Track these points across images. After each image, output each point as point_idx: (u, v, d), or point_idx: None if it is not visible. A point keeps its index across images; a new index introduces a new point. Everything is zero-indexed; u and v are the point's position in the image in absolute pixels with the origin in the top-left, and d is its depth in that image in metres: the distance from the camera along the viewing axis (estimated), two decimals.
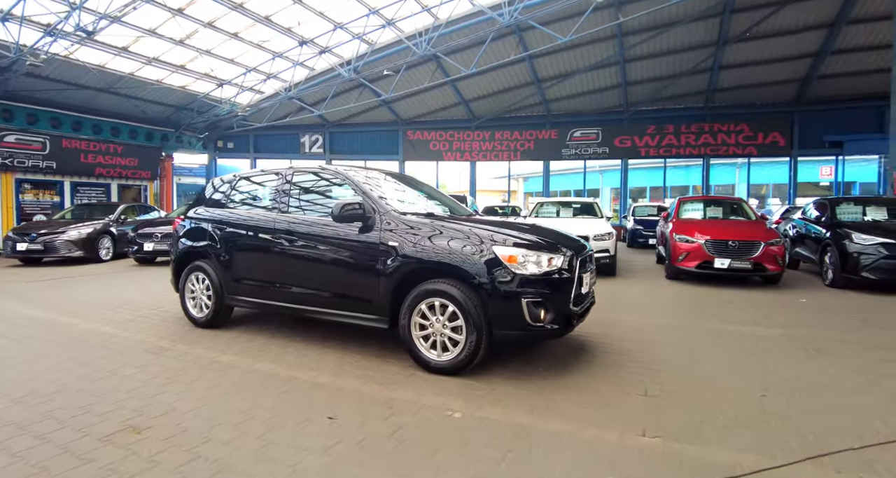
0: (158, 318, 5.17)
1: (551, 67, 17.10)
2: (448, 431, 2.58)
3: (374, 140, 21.23)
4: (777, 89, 17.49)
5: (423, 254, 3.44)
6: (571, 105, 19.56)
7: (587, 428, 2.65)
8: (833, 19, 14.04)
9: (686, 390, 3.23)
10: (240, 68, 15.99)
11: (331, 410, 2.82)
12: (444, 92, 18.65)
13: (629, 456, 2.36)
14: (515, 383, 3.28)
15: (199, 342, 4.21)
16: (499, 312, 3.24)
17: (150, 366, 3.58)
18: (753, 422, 2.75)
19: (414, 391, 3.11)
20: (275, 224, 4.18)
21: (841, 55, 15.34)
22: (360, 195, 3.84)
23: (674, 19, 14.16)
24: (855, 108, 17.15)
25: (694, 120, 18.94)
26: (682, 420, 2.76)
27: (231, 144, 21.31)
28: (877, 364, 3.82)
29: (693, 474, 2.21)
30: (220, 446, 2.38)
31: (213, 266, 4.55)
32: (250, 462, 2.24)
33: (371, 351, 3.96)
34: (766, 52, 15.65)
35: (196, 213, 4.88)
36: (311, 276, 3.97)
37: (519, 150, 20.15)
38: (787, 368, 3.70)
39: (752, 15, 13.95)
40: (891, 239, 7.06)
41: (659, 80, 17.55)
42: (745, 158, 19.17)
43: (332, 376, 3.37)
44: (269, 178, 4.60)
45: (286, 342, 4.20)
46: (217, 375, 3.39)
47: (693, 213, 9.80)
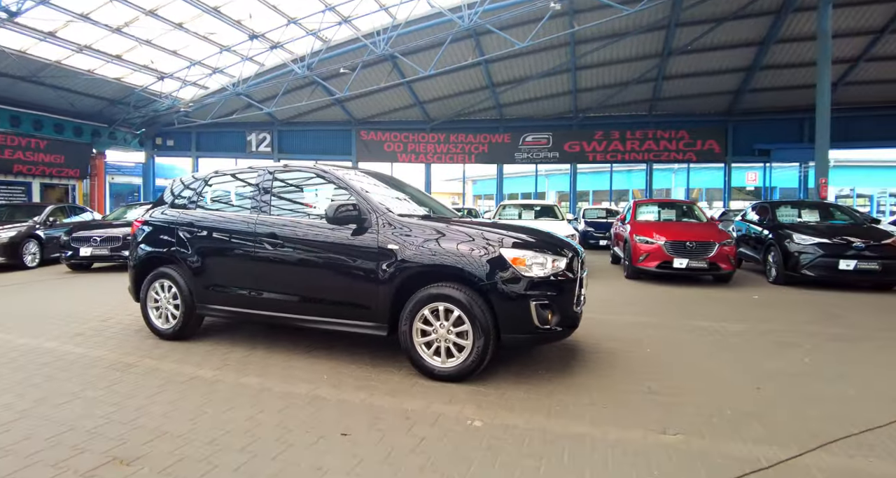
0: (113, 330, 4.69)
1: (506, 72, 17.38)
2: (474, 441, 2.48)
3: (326, 140, 20.68)
4: (714, 100, 18.72)
5: (426, 257, 3.31)
6: (524, 110, 19.98)
7: (609, 429, 2.63)
8: (763, 38, 15.21)
9: (686, 386, 3.30)
10: (183, 61, 15.07)
11: (342, 425, 2.63)
12: (400, 93, 18.48)
13: (660, 455, 2.36)
14: (523, 387, 3.22)
15: (170, 356, 3.84)
16: (507, 316, 3.17)
17: (118, 385, 3.21)
18: (758, 414, 2.85)
19: (424, 400, 2.98)
20: (256, 227, 3.89)
21: (769, 70, 16.64)
22: (354, 196, 3.65)
23: (624, 30, 14.80)
24: (781, 119, 18.67)
25: (638, 127, 19.90)
26: (694, 416, 2.81)
27: (171, 141, 20.04)
28: (840, 354, 4.11)
29: (725, 470, 2.24)
30: (231, 474, 2.14)
31: (181, 273, 4.18)
32: None
33: (364, 359, 3.78)
34: (704, 65, 16.71)
35: (159, 214, 4.47)
36: (301, 282, 3.73)
37: (473, 153, 20.31)
38: (767, 361, 3.89)
39: (693, 30, 14.85)
40: (826, 239, 7.69)
41: (607, 88, 18.29)
42: (686, 163, 20.35)
43: (331, 388, 3.17)
44: (247, 177, 4.27)
45: (267, 353, 3.92)
46: (202, 392, 3.09)
47: (648, 215, 10.23)
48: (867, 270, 7.40)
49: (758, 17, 14.28)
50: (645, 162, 20.45)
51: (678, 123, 19.64)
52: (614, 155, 20.12)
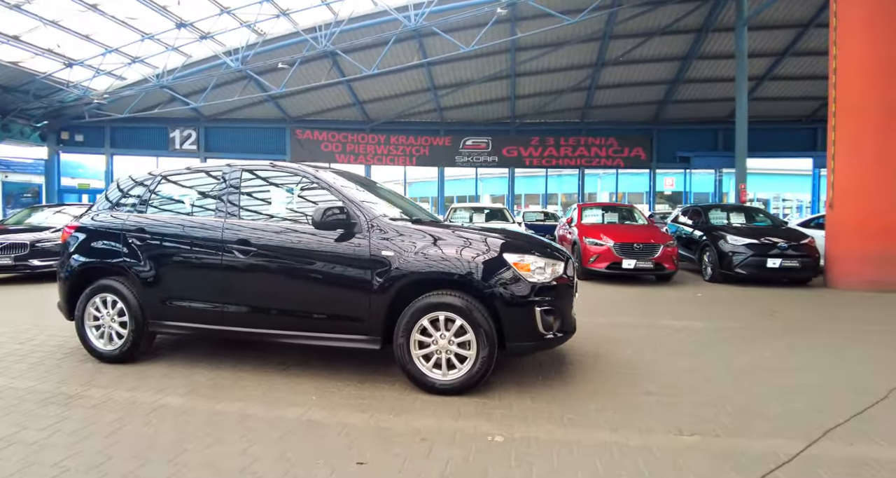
0: (37, 355, 4.00)
1: (448, 76, 17.40)
2: (502, 458, 2.32)
3: (258, 138, 19.57)
4: (640, 110, 19.94)
5: (424, 264, 3.10)
6: (464, 114, 20.13)
7: (628, 435, 2.60)
8: (686, 53, 16.42)
9: (678, 385, 3.36)
10: (97, 47, 13.55)
11: (352, 452, 2.37)
12: (339, 91, 17.91)
13: (686, 458, 2.35)
14: (526, 396, 3.12)
15: (121, 383, 3.31)
16: (512, 323, 3.05)
17: (65, 423, 2.68)
18: (755, 410, 2.96)
19: (432, 417, 2.78)
20: (225, 232, 3.47)
21: (690, 84, 18.00)
22: (340, 198, 3.37)
23: (563, 40, 15.33)
24: (699, 129, 20.27)
25: (571, 134, 20.74)
26: (699, 416, 2.85)
27: (80, 136, 17.99)
28: (792, 347, 4.42)
29: (752, 467, 2.26)
30: None
31: (129, 285, 3.65)
32: None
33: (348, 374, 3.48)
34: (633, 77, 17.75)
35: (100, 219, 3.89)
36: (280, 294, 3.37)
37: (415, 155, 20.14)
38: (736, 357, 4.09)
39: (626, 42, 15.70)
40: (755, 240, 8.38)
41: (544, 96, 18.88)
42: (615, 169, 21.47)
43: (325, 411, 2.86)
44: (210, 177, 3.82)
45: (237, 373, 3.51)
46: (175, 424, 2.67)
47: (592, 218, 10.62)
48: (790, 267, 8.16)
49: (682, 34, 15.39)
50: (578, 167, 21.35)
51: (607, 130, 20.70)
52: (549, 160, 20.82)
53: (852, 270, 7.97)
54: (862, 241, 7.92)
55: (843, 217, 8.18)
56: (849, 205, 8.10)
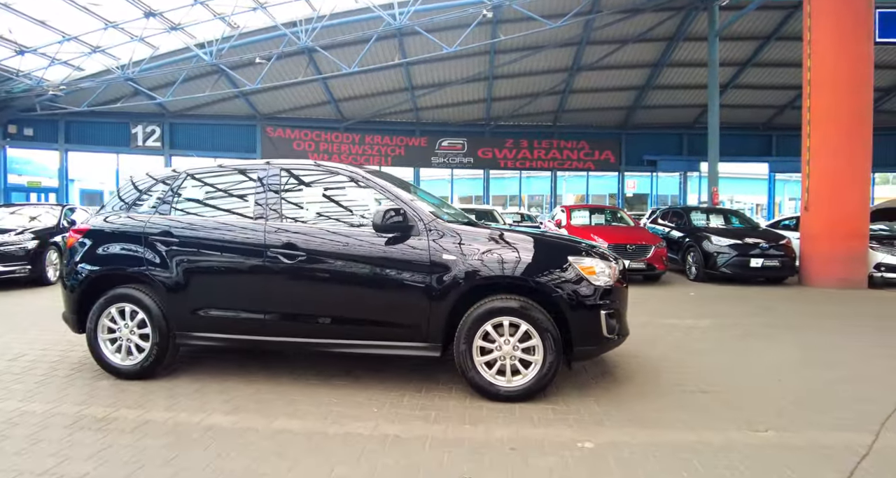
0: (38, 372, 3.60)
1: (426, 76, 17.30)
2: (603, 465, 2.28)
3: (226, 135, 18.79)
4: (611, 114, 20.49)
5: (489, 268, 3.02)
6: (440, 115, 20.07)
7: (705, 433, 2.63)
8: (656, 61, 17.00)
9: (722, 382, 3.45)
10: (54, 34, 12.58)
11: (449, 466, 2.26)
12: (313, 89, 17.46)
13: (772, 453, 2.41)
14: (590, 400, 3.09)
15: (152, 402, 3.02)
16: (580, 327, 3.01)
17: (110, 451, 2.40)
18: (806, 402, 3.11)
19: (510, 426, 2.69)
20: (266, 236, 3.25)
21: (659, 90, 18.65)
22: (393, 200, 3.22)
23: (542, 44, 15.53)
24: (666, 133, 21.04)
25: (545, 137, 21.07)
26: (759, 411, 2.94)
27: (30, 130, 16.68)
28: (805, 341, 4.67)
29: (838, 461, 2.34)
30: None
31: (152, 294, 3.35)
32: None
33: (400, 384, 3.34)
34: (606, 82, 18.22)
35: (115, 221, 3.57)
36: (331, 301, 3.19)
37: (390, 155, 19.89)
38: (761, 353, 4.25)
39: (601, 48, 16.09)
40: (738, 241, 8.76)
41: (520, 98, 19.08)
42: (585, 171, 21.97)
43: (395, 424, 2.72)
44: (242, 176, 3.57)
45: (277, 387, 3.27)
46: (236, 446, 2.46)
47: (581, 219, 10.81)
48: (771, 266, 8.58)
49: (654, 42, 15.93)
50: (550, 170, 21.70)
51: (579, 134, 21.15)
52: (523, 162, 21.06)
53: (825, 269, 8.45)
54: (833, 242, 8.42)
55: (817, 219, 8.66)
56: (823, 208, 8.59)
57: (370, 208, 3.35)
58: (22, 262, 7.58)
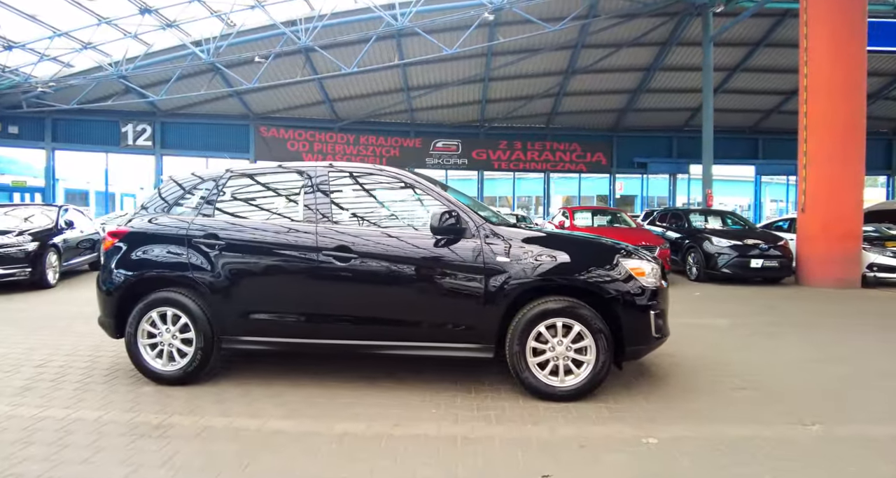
0: (72, 378, 3.48)
1: (423, 77, 17.31)
2: (673, 459, 2.35)
3: (219, 135, 18.52)
4: (602, 117, 20.76)
5: (541, 270, 3.06)
6: (435, 116, 20.09)
7: (757, 427, 2.73)
8: (649, 65, 17.29)
9: (758, 379, 3.56)
10: (44, 29, 12.26)
11: (526, 464, 2.30)
12: (308, 88, 17.33)
13: (827, 446, 2.52)
14: (639, 398, 3.16)
15: (203, 407, 2.96)
16: (632, 328, 3.08)
17: (180, 458, 2.32)
18: (842, 396, 3.26)
19: (572, 424, 2.74)
20: (318, 238, 3.23)
21: (650, 94, 18.96)
22: (444, 202, 3.25)
23: (539, 46, 15.68)
24: (655, 136, 21.39)
25: (538, 139, 21.23)
26: (801, 405, 3.07)
27: (15, 128, 16.20)
28: (818, 338, 4.87)
29: (890, 451, 2.46)
30: None
31: (196, 298, 3.29)
32: None
33: (449, 386, 3.33)
34: (599, 85, 18.46)
35: (156, 222, 3.51)
36: (385, 303, 3.19)
37: (385, 156, 19.82)
38: (782, 350, 4.42)
39: (596, 52, 16.31)
40: (738, 242, 8.98)
41: (514, 101, 19.21)
42: (578, 173, 22.21)
43: (459, 425, 2.73)
44: (290, 177, 3.56)
45: (326, 390, 3.23)
46: (309, 451, 2.43)
47: (582, 221, 10.94)
48: (770, 267, 8.82)
49: (648, 46, 16.20)
50: (543, 171, 21.88)
51: (571, 136, 21.37)
52: (517, 164, 21.20)
53: (821, 269, 8.72)
54: (829, 243, 8.68)
55: (813, 221, 8.92)
56: (819, 210, 8.85)
57: (419, 211, 3.37)
58: (22, 264, 7.36)
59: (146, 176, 18.26)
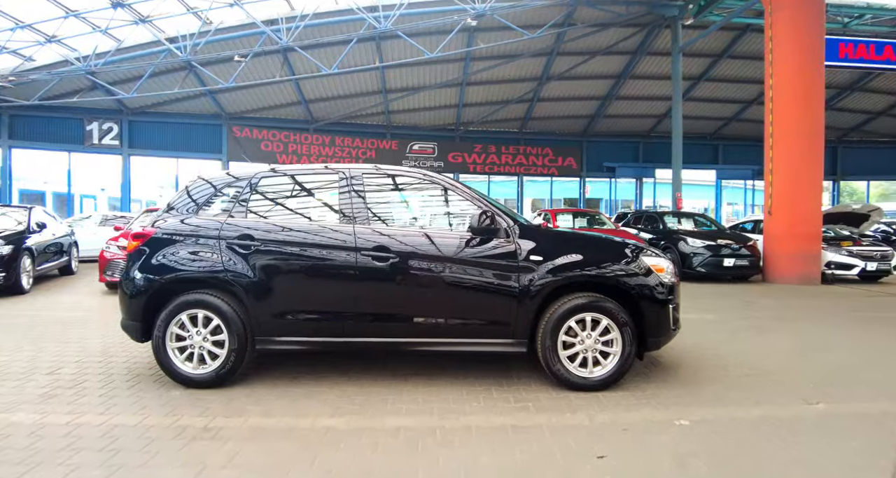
0: (91, 384, 3.39)
1: (401, 80, 17.38)
2: (710, 438, 2.57)
3: (190, 134, 17.98)
4: (573, 122, 21.38)
5: (573, 267, 3.24)
6: (411, 118, 20.17)
7: (770, 408, 3.01)
8: (620, 72, 17.96)
9: (759, 365, 3.88)
10: (5, 20, 11.63)
11: (580, 448, 2.46)
12: (283, 88, 17.10)
13: (834, 423, 2.81)
14: (659, 385, 3.39)
15: (244, 408, 2.96)
16: (653, 321, 3.29)
17: (242, 459, 2.34)
18: (835, 379, 3.58)
19: (607, 411, 2.92)
20: (357, 239, 3.30)
21: (620, 100, 19.68)
22: (477, 204, 3.39)
23: (517, 53, 16.04)
24: (622, 142, 22.19)
25: (512, 143, 21.65)
26: (804, 388, 3.38)
27: None
28: (800, 329, 5.27)
29: (885, 425, 2.76)
30: None
31: (229, 299, 3.29)
32: None
33: (479, 379, 3.46)
34: (572, 91, 19.03)
35: (185, 224, 3.48)
36: (423, 301, 3.29)
37: (361, 158, 19.74)
38: (771, 340, 4.80)
39: (571, 59, 16.82)
40: (712, 242, 9.52)
41: (490, 105, 19.53)
42: (549, 177, 22.75)
43: (503, 416, 2.86)
44: (325, 178, 3.60)
45: (361, 387, 3.31)
46: (366, 447, 2.52)
47: (564, 223, 11.31)
48: (741, 265, 9.40)
49: (620, 54, 16.84)
50: (517, 175, 22.31)
51: (543, 140, 21.89)
52: (492, 167, 21.54)
53: (786, 267, 9.37)
54: (793, 243, 9.35)
55: (779, 223, 9.56)
56: (784, 212, 9.50)
57: (456, 213, 3.50)
58: None
59: (111, 177, 17.50)
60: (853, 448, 2.51)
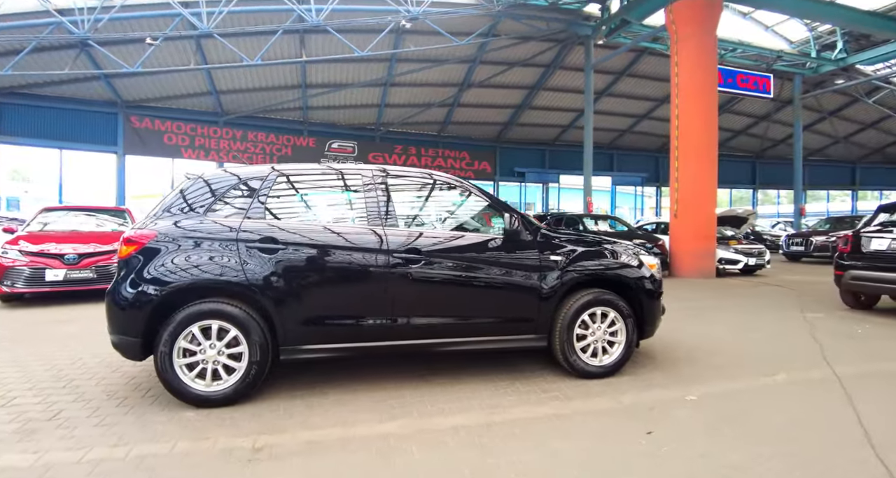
0: (80, 411, 2.98)
1: (323, 75, 16.88)
2: (720, 406, 3.03)
3: (77, 122, 15.76)
4: (488, 128, 22.33)
5: (589, 266, 3.56)
6: (330, 116, 19.65)
7: (743, 381, 3.55)
8: (534, 83, 19.16)
9: (715, 348, 4.46)
10: None
11: (626, 427, 2.76)
12: (192, 77, 15.73)
13: (797, 388, 3.39)
14: (650, 370, 3.81)
15: (279, 424, 2.79)
16: (649, 313, 3.73)
17: (326, 472, 2.33)
18: (773, 355, 4.18)
19: (628, 394, 3.26)
20: (387, 240, 3.29)
21: (532, 110, 20.96)
22: (501, 207, 3.57)
23: (443, 58, 16.39)
24: (531, 149, 23.64)
25: (431, 145, 22.03)
26: (756, 363, 3.97)
27: None
28: (726, 316, 6.09)
29: (832, 384, 3.37)
30: None
31: (250, 307, 3.09)
32: None
33: (498, 375, 3.63)
34: (489, 99, 19.88)
35: (192, 226, 3.18)
36: (455, 302, 3.37)
37: (276, 154, 18.80)
38: (714, 327, 5.50)
39: (492, 68, 17.59)
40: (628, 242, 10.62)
41: (412, 107, 19.71)
42: (465, 180, 23.44)
43: (541, 406, 3.04)
44: (347, 178, 3.50)
45: (392, 392, 3.30)
46: (435, 448, 2.59)
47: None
48: None
49: (536, 66, 17.97)
50: None
51: (461, 145, 22.60)
52: None
53: (690, 264, 10.77)
54: (696, 242, 10.78)
55: (684, 225, 10.95)
56: (688, 216, 10.90)
57: (479, 214, 3.64)
58: None
59: None
60: (822, 406, 3.11)
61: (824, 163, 27.63)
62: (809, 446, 2.57)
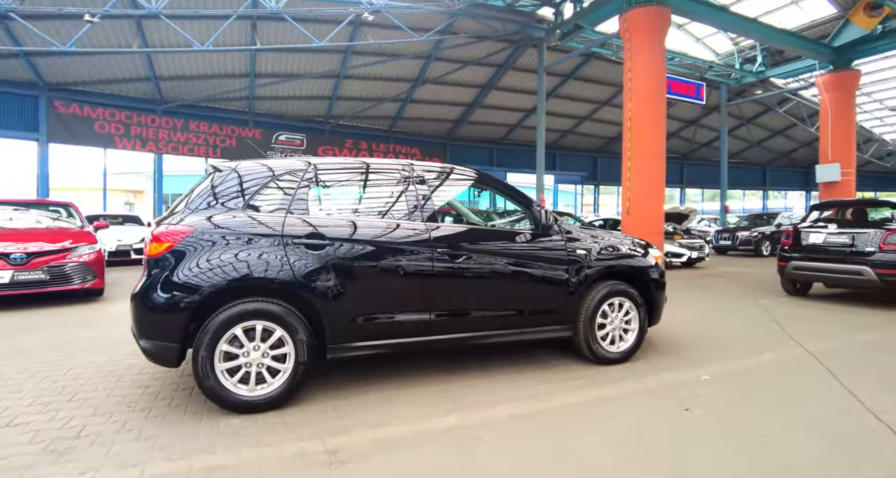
0: (98, 426, 2.81)
1: (273, 65, 16.22)
2: (736, 382, 3.38)
3: None
4: (440, 125, 22.46)
5: (609, 261, 3.81)
6: (277, 107, 18.91)
7: (737, 361, 3.95)
8: (486, 83, 19.52)
9: (695, 334, 4.89)
10: None
11: (662, 406, 3.02)
12: (130, 60, 14.53)
13: (786, 365, 3.84)
14: (653, 354, 4.14)
15: (338, 425, 2.75)
16: (657, 302, 4.05)
17: (415, 470, 2.35)
18: (746, 339, 4.67)
19: (649, 376, 3.55)
20: (430, 235, 3.33)
21: (482, 109, 21.34)
22: (537, 205, 3.73)
23: (398, 53, 16.28)
24: (481, 147, 24.08)
25: (382, 140, 21.81)
26: (738, 346, 4.42)
27: None
28: (690, 305, 6.69)
29: (809, 360, 3.89)
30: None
31: (297, 305, 3.01)
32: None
33: (524, 365, 3.80)
34: (441, 96, 20.01)
35: (232, 222, 3.02)
36: (493, 296, 3.47)
37: (219, 146, 17.80)
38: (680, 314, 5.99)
39: (446, 65, 17.70)
40: None
41: (365, 101, 19.40)
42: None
43: (580, 392, 3.25)
44: (388, 174, 3.48)
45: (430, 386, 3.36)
46: (506, 438, 2.72)
47: None
48: None
49: (489, 66, 18.31)
50: None
51: (412, 141, 22.53)
52: None
53: None
54: (645, 237, 11.41)
55: (635, 220, 11.72)
56: (639, 212, 11.67)
57: (511, 209, 3.76)
58: None
59: None
60: (812, 379, 3.56)
61: (742, 165, 30.39)
62: (819, 414, 2.95)
